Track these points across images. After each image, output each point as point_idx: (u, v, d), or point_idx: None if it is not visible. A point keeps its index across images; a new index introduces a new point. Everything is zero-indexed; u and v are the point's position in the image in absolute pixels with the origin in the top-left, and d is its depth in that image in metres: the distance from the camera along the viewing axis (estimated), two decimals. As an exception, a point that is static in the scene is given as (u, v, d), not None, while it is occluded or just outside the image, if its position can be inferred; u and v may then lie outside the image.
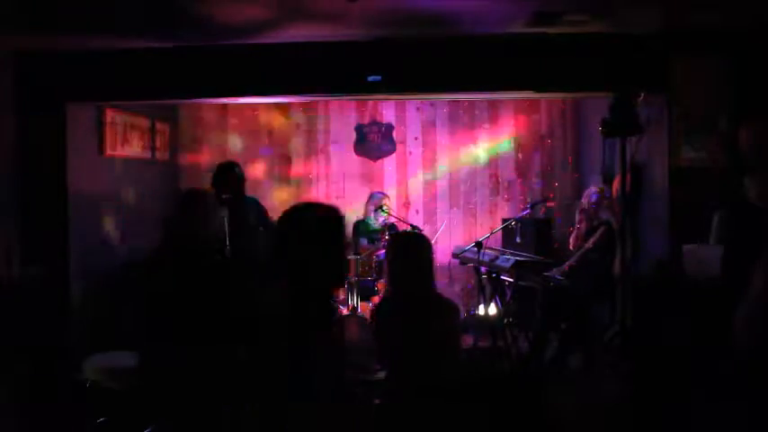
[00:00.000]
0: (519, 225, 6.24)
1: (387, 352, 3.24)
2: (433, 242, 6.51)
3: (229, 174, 5.00)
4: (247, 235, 4.74)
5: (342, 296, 5.90)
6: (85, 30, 4.47)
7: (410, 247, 3.39)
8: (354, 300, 5.69)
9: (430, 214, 7.28)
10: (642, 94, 4.92)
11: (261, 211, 5.14)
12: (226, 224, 4.40)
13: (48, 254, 4.92)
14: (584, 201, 5.56)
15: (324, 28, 4.55)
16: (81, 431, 4.08)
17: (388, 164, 7.32)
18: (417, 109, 7.27)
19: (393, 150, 7.30)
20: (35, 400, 4.36)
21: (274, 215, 5.46)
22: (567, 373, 5.15)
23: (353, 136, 7.30)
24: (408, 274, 3.29)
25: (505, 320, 5.72)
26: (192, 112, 7.21)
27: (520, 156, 7.24)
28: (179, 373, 2.97)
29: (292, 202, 7.00)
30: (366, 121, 7.30)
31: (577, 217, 5.63)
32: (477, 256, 5.52)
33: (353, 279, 5.72)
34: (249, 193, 5.72)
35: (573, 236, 5.63)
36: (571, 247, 5.63)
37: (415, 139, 7.30)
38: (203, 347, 2.98)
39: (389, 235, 6.02)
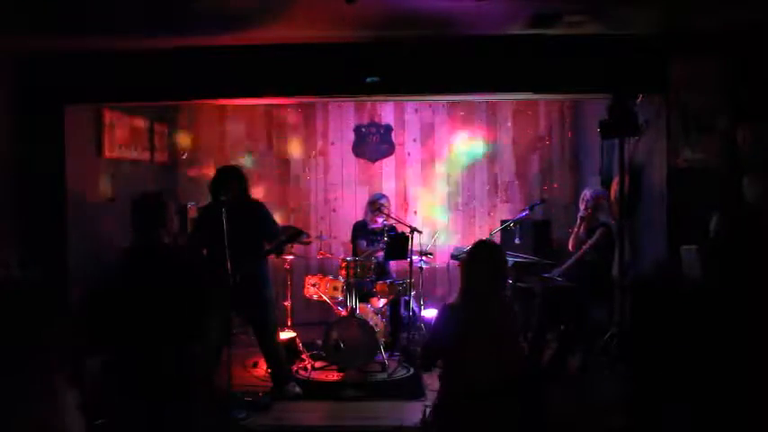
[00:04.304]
0: (518, 226, 6.24)
1: (450, 350, 3.36)
2: (431, 244, 6.60)
3: (229, 176, 5.00)
4: (247, 236, 4.73)
5: (340, 297, 5.91)
6: (85, 30, 4.47)
7: (490, 253, 3.50)
8: (353, 301, 5.69)
9: (429, 216, 7.29)
10: (640, 96, 4.93)
11: (264, 212, 5.12)
12: (225, 224, 4.39)
13: (46, 255, 4.90)
14: (581, 204, 5.56)
15: (322, 29, 4.55)
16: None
17: (387, 165, 7.32)
18: (416, 110, 7.28)
19: (392, 151, 7.31)
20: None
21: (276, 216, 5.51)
22: (565, 373, 5.15)
23: (352, 137, 7.31)
24: (483, 278, 3.43)
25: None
26: (191, 113, 7.21)
27: (519, 157, 7.25)
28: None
29: (292, 205, 6.96)
30: (365, 122, 7.31)
31: (578, 220, 5.63)
32: (475, 258, 5.52)
33: (352, 280, 5.72)
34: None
35: (572, 238, 5.63)
36: (571, 249, 5.63)
37: (414, 140, 7.30)
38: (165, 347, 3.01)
39: (389, 235, 6.02)
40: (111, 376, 3.07)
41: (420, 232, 6.16)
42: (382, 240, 6.14)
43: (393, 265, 6.62)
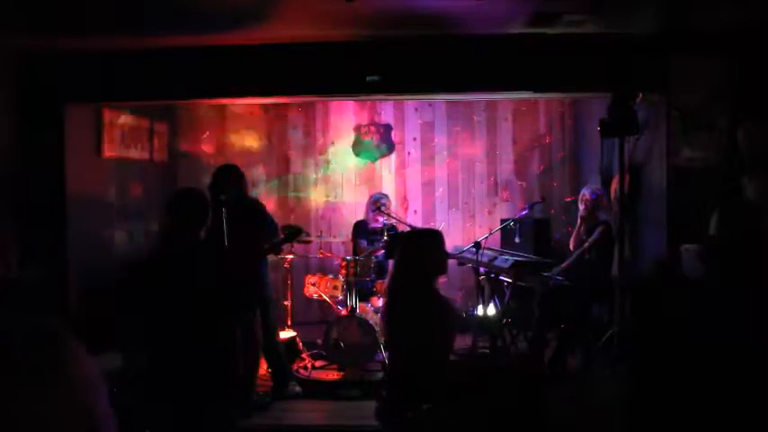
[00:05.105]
0: (518, 225, 6.24)
1: (389, 346, 3.29)
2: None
3: (228, 175, 5.00)
4: (246, 235, 4.72)
5: (340, 297, 5.91)
6: (85, 29, 4.47)
7: (411, 243, 3.42)
8: (353, 300, 5.69)
9: (428, 215, 7.28)
10: (640, 95, 4.93)
11: (262, 211, 5.13)
12: (224, 224, 4.38)
13: (46, 254, 4.91)
14: (580, 204, 5.55)
15: (322, 28, 4.55)
16: None
17: (387, 164, 7.32)
18: (416, 109, 7.27)
19: (392, 151, 7.31)
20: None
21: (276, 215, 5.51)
22: (565, 373, 5.15)
23: (352, 136, 7.31)
24: (404, 269, 3.33)
25: (504, 321, 5.72)
26: (191, 112, 7.20)
27: (518, 156, 7.25)
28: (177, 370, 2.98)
29: (292, 204, 6.94)
30: (365, 121, 7.31)
31: (578, 220, 5.63)
32: (475, 257, 5.52)
33: (352, 279, 5.72)
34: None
35: (573, 237, 5.63)
36: (572, 248, 5.64)
37: (414, 139, 7.30)
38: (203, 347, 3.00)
39: (389, 235, 6.02)
40: (142, 377, 3.07)
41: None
42: (382, 239, 6.14)
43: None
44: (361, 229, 6.44)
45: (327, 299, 5.99)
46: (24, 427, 1.08)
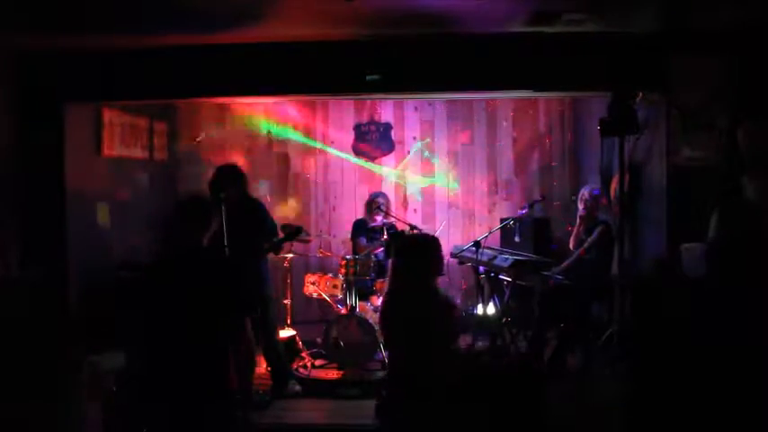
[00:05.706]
0: (517, 224, 6.24)
1: (389, 346, 3.33)
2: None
3: (228, 174, 5.00)
4: (246, 234, 4.73)
5: (340, 296, 5.91)
6: (84, 28, 4.46)
7: (408, 251, 3.45)
8: (353, 299, 5.69)
9: (428, 214, 7.28)
10: (640, 94, 4.93)
11: (262, 210, 5.14)
12: (224, 223, 4.39)
13: (46, 254, 4.90)
14: (579, 203, 5.55)
15: (323, 27, 4.55)
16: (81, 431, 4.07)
17: (387, 163, 7.32)
18: (416, 108, 7.27)
19: (391, 150, 7.30)
20: (34, 401, 4.35)
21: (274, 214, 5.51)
22: (565, 372, 5.15)
23: (352, 135, 7.30)
24: (408, 273, 3.36)
25: (504, 320, 5.72)
26: (190, 111, 7.20)
27: (518, 155, 7.24)
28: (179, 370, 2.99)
29: (291, 203, 6.93)
30: (364, 120, 7.31)
31: (578, 220, 5.63)
32: (475, 256, 5.53)
33: (352, 278, 5.72)
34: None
35: (572, 236, 5.63)
36: (572, 248, 5.64)
37: (414, 138, 7.30)
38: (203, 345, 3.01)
39: (389, 234, 6.02)
40: (139, 379, 3.08)
41: (419, 230, 6.15)
42: (382, 238, 6.14)
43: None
44: (360, 227, 6.44)
45: (327, 298, 5.99)
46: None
